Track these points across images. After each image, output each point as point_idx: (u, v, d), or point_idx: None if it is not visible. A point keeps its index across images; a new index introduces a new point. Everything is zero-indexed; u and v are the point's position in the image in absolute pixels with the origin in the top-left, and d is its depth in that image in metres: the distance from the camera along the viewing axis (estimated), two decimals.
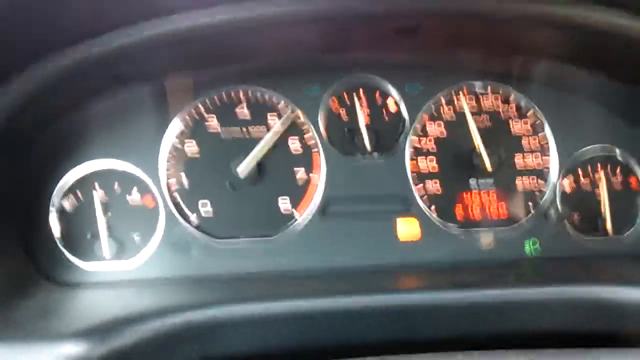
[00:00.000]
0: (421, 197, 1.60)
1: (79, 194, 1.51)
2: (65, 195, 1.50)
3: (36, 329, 1.16)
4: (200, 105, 1.56)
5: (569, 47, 1.46)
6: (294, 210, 1.58)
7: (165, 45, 1.25)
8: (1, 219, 1.38)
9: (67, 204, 1.50)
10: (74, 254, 1.50)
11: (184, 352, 1.23)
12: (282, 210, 1.57)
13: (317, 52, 1.53)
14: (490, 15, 1.24)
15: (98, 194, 1.50)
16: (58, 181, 1.49)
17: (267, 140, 1.55)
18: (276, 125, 1.56)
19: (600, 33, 1.29)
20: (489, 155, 1.58)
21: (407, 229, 1.58)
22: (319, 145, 1.58)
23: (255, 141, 1.55)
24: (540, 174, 1.64)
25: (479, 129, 1.59)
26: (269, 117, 1.58)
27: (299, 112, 1.57)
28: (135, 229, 1.52)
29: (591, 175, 1.65)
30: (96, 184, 1.51)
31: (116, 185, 1.52)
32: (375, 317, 1.31)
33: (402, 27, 1.33)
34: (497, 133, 1.62)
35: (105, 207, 1.50)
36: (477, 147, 1.58)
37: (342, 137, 1.59)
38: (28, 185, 1.47)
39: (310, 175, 1.58)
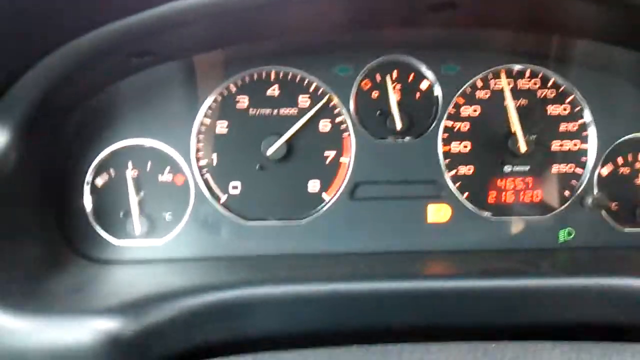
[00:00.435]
0: (454, 182, 1.57)
1: (112, 172, 1.52)
2: (98, 173, 1.52)
3: (70, 304, 1.18)
4: (231, 85, 1.55)
5: (613, 26, 1.39)
6: (323, 192, 1.57)
7: (196, 20, 1.23)
8: (36, 195, 1.41)
9: (101, 182, 1.52)
10: (106, 231, 1.52)
11: (213, 331, 1.24)
12: (311, 192, 1.57)
13: (349, 30, 1.50)
14: None
15: (131, 173, 1.52)
16: (92, 159, 1.51)
17: (300, 124, 1.54)
18: (311, 110, 1.54)
19: None
20: (525, 139, 1.53)
21: (438, 215, 1.56)
22: (350, 127, 1.56)
23: (285, 121, 1.54)
24: (578, 160, 1.59)
25: (517, 112, 1.55)
26: (300, 98, 1.56)
27: (332, 94, 1.55)
28: (167, 208, 1.53)
29: (631, 163, 1.59)
30: (129, 163, 1.52)
31: (149, 164, 1.53)
32: (404, 302, 1.30)
33: (436, 3, 1.28)
34: (535, 117, 1.57)
35: (138, 186, 1.52)
36: (514, 130, 1.54)
37: (374, 119, 1.57)
38: (62, 162, 1.49)
39: (341, 157, 1.57)
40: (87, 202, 1.51)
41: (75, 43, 1.19)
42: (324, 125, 1.57)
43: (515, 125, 1.53)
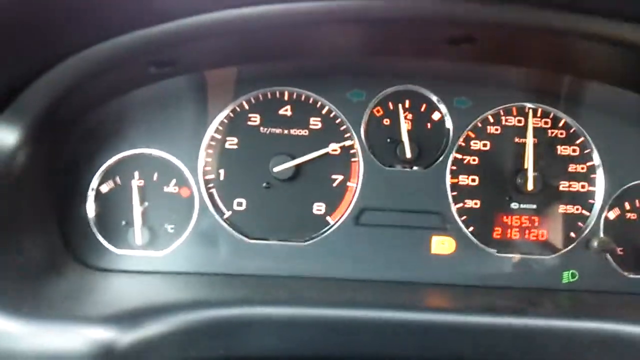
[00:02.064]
0: (459, 216, 1.56)
1: (118, 180, 1.52)
2: (104, 180, 1.51)
3: (67, 311, 1.17)
4: (244, 102, 1.55)
5: (626, 70, 1.41)
6: (328, 216, 1.56)
7: (212, 37, 1.24)
8: (40, 198, 1.40)
9: (106, 189, 1.52)
10: (107, 239, 1.51)
11: (207, 348, 1.22)
12: (316, 214, 1.56)
13: (365, 56, 1.51)
14: (553, 30, 1.19)
15: (137, 182, 1.51)
16: (98, 167, 1.50)
17: (317, 154, 1.55)
18: (330, 146, 1.56)
19: None
20: (534, 177, 1.53)
21: (442, 247, 1.55)
22: (359, 153, 1.56)
23: (295, 141, 1.54)
24: (585, 202, 1.59)
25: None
26: (311, 120, 1.56)
27: (342, 118, 1.56)
28: (170, 220, 1.52)
29: (639, 209, 1.59)
30: (136, 172, 1.51)
31: (155, 175, 1.52)
32: (402, 333, 1.28)
33: (455, 36, 1.29)
34: (544, 156, 1.57)
35: (143, 195, 1.51)
36: (526, 167, 1.54)
37: (384, 146, 1.57)
38: (69, 166, 1.49)
39: (348, 182, 1.56)
40: (90, 208, 1.51)
41: (94, 50, 1.20)
42: (334, 150, 1.57)
43: (528, 163, 1.54)
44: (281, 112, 1.56)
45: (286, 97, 1.56)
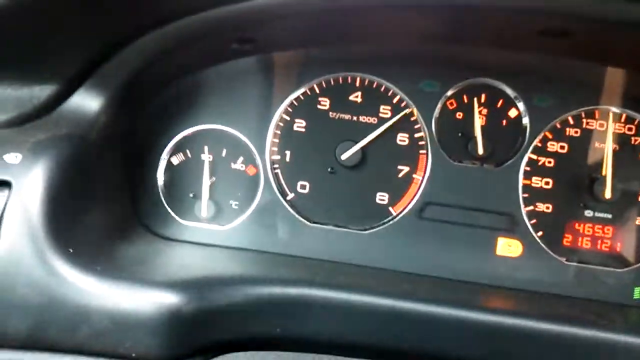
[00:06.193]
0: (529, 219, 1.50)
1: (188, 154, 1.55)
2: (175, 152, 1.55)
3: (135, 274, 1.20)
4: (315, 85, 1.55)
5: None
6: (390, 206, 1.54)
7: (295, 15, 1.24)
8: (114, 165, 1.45)
9: (176, 161, 1.55)
10: (174, 210, 1.55)
11: (265, 325, 1.24)
12: (378, 205, 1.54)
13: (443, 44, 1.46)
14: None
15: (207, 156, 1.54)
16: (171, 138, 1.54)
17: (378, 132, 1.52)
18: (390, 120, 1.52)
19: None
20: (612, 185, 1.45)
21: (508, 249, 1.50)
22: (428, 145, 1.52)
23: (364, 128, 1.52)
24: None
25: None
26: (381, 108, 1.54)
27: (414, 109, 1.52)
28: (235, 196, 1.55)
29: None
30: (206, 146, 1.54)
31: (224, 151, 1.55)
32: (459, 332, 1.25)
33: (549, 29, 1.22)
34: (625, 164, 1.48)
35: (211, 171, 1.54)
36: (604, 174, 1.46)
37: (454, 141, 1.52)
38: (143, 136, 1.53)
39: (414, 174, 1.53)
40: (160, 179, 1.55)
41: (179, 23, 1.22)
42: (402, 139, 1.54)
43: (607, 169, 1.46)
44: (351, 97, 1.54)
45: (357, 83, 1.54)
